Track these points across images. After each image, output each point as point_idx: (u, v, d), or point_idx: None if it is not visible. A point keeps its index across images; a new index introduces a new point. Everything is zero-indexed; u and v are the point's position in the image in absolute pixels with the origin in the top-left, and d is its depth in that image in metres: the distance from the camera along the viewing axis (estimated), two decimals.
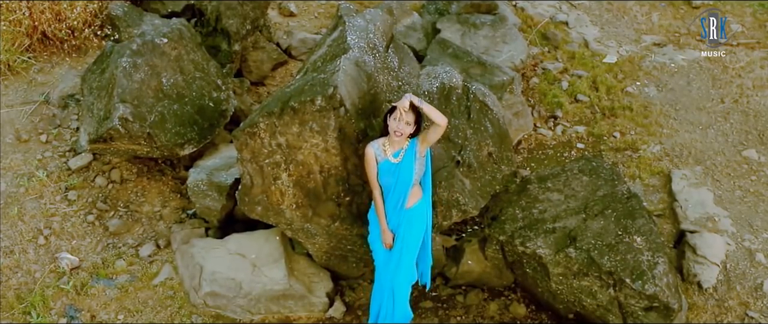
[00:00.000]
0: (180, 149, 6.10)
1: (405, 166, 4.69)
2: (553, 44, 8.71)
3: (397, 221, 4.84)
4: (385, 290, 5.01)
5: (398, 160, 4.68)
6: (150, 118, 5.93)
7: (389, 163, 4.69)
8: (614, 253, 4.93)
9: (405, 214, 4.83)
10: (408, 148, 4.69)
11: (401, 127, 4.55)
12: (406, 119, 4.54)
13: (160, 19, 7.66)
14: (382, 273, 5.03)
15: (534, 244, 5.14)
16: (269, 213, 5.41)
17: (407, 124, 4.55)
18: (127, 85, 5.95)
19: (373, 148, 4.70)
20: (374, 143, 4.72)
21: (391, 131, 4.60)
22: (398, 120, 4.54)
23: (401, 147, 4.69)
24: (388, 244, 4.84)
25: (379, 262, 5.02)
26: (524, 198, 5.53)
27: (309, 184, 5.16)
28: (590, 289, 5.04)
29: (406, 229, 4.85)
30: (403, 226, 4.83)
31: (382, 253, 4.97)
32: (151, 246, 5.94)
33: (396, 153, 4.69)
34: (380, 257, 5.00)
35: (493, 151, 5.31)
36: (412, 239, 4.90)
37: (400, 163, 4.68)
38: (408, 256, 4.90)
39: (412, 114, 4.54)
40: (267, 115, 4.92)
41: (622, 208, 5.22)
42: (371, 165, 4.71)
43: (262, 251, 5.64)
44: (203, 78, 6.54)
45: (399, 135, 4.58)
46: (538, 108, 7.78)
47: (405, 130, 4.57)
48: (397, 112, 4.55)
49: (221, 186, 5.90)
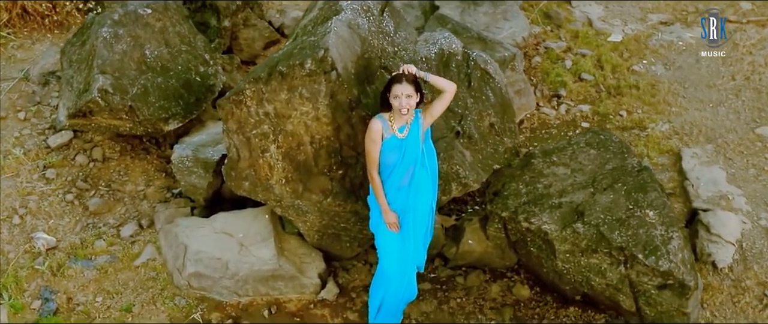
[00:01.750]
0: (164, 124, 5.78)
1: (411, 141, 4.35)
2: (555, 23, 8.38)
3: (403, 198, 4.48)
4: (392, 279, 4.65)
5: (404, 135, 4.33)
6: (132, 91, 5.61)
7: (395, 139, 4.33)
8: (625, 228, 4.61)
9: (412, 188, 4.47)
10: (413, 122, 4.34)
11: (404, 102, 4.19)
12: (405, 93, 4.19)
13: None
14: (391, 260, 4.65)
15: (539, 220, 4.82)
16: (257, 189, 5.08)
17: (408, 96, 4.20)
18: (108, 56, 5.63)
19: (380, 122, 4.33)
20: (382, 116, 4.34)
21: (396, 109, 4.25)
22: (399, 97, 4.20)
23: (405, 121, 4.34)
24: (393, 224, 4.48)
25: (388, 248, 4.63)
26: (528, 173, 5.21)
27: (299, 156, 4.84)
28: (599, 267, 4.72)
29: (415, 202, 4.49)
30: (412, 200, 4.47)
31: (392, 238, 4.60)
32: (133, 226, 5.62)
33: (401, 127, 4.34)
34: (389, 243, 4.62)
35: (495, 122, 4.99)
36: (421, 209, 4.54)
37: (406, 139, 4.34)
38: (421, 228, 4.58)
39: (409, 85, 4.20)
40: (253, 81, 4.60)
41: (633, 181, 4.90)
42: (376, 141, 4.31)
43: (250, 230, 5.31)
44: (189, 52, 6.22)
45: (406, 111, 4.24)
46: (541, 87, 7.46)
47: (410, 103, 4.22)
48: (393, 89, 4.21)
49: (207, 162, 5.58)
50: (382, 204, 4.43)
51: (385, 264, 4.68)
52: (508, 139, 5.07)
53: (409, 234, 4.55)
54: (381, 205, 4.43)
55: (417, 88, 4.22)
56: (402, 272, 4.62)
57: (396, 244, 4.61)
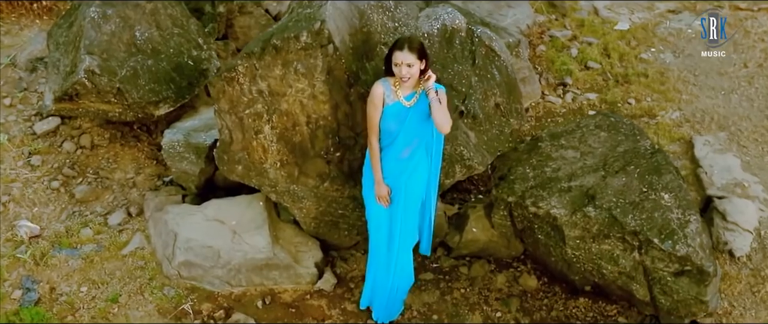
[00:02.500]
0: (155, 108, 5.53)
1: (417, 112, 4.10)
2: (560, 12, 8.15)
3: (399, 172, 4.24)
4: (378, 254, 4.42)
5: (411, 103, 4.08)
6: (120, 73, 5.36)
7: (399, 106, 4.08)
8: (639, 212, 4.36)
9: (411, 162, 4.23)
10: (423, 92, 4.09)
11: (404, 71, 3.95)
12: (406, 61, 3.94)
13: None
14: (377, 233, 4.43)
15: (547, 204, 4.57)
16: (251, 173, 4.84)
17: (409, 65, 3.95)
18: (96, 36, 5.39)
19: (382, 87, 4.08)
20: (385, 81, 4.10)
21: (397, 78, 4.01)
22: (399, 65, 3.95)
23: (415, 90, 4.10)
24: (383, 198, 4.24)
25: (375, 220, 4.40)
26: (535, 156, 4.95)
27: (294, 137, 4.59)
28: (611, 253, 4.46)
29: (410, 180, 4.25)
30: (407, 176, 4.23)
31: (379, 211, 4.36)
32: (121, 214, 5.37)
33: (409, 96, 4.09)
34: (376, 215, 4.38)
35: (501, 102, 4.74)
36: (416, 191, 4.31)
37: (413, 108, 4.08)
38: (413, 209, 4.33)
39: (410, 53, 3.94)
40: (246, 56, 4.36)
41: (646, 163, 4.65)
42: (376, 106, 4.06)
43: (243, 217, 5.06)
44: (182, 35, 5.97)
45: (406, 80, 3.99)
46: (546, 75, 7.22)
47: (411, 73, 3.97)
48: (394, 56, 3.96)
49: (199, 147, 5.33)
50: (376, 173, 4.19)
51: (372, 236, 4.46)
52: (514, 121, 4.82)
53: (398, 210, 4.29)
54: (374, 176, 4.17)
55: (421, 55, 3.97)
56: (387, 248, 4.38)
57: (383, 217, 4.38)
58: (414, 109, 4.10)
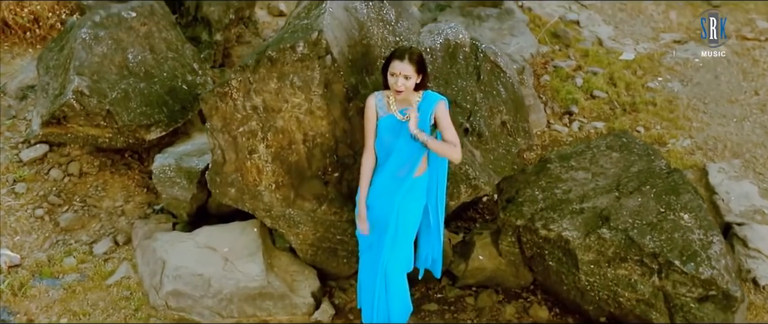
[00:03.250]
0: (146, 132, 5.30)
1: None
2: (564, 43, 8.01)
3: (392, 191, 3.98)
4: (377, 277, 4.13)
5: (406, 117, 3.86)
6: (111, 95, 5.16)
7: (393, 119, 3.87)
8: (658, 232, 4.08)
9: (406, 184, 3.98)
10: (421, 103, 3.86)
11: (400, 82, 3.74)
12: (404, 72, 3.74)
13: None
14: (369, 257, 4.17)
15: (559, 227, 4.30)
16: (245, 196, 4.58)
17: (406, 77, 3.75)
18: (86, 58, 5.21)
19: (375, 99, 3.89)
20: (378, 94, 3.92)
21: (391, 89, 3.81)
22: (396, 75, 3.74)
23: (411, 104, 3.88)
24: (361, 219, 4.06)
25: (362, 243, 4.16)
26: (544, 178, 4.70)
27: (290, 157, 4.35)
28: (629, 278, 4.16)
29: (404, 202, 4.00)
30: (401, 198, 3.98)
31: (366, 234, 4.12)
32: (107, 242, 5.08)
33: (403, 110, 3.87)
34: (362, 237, 4.16)
35: (508, 120, 4.51)
36: (411, 216, 4.05)
37: (407, 123, 3.86)
38: (405, 235, 4.05)
39: (409, 65, 3.74)
40: (240, 69, 4.15)
41: (663, 183, 4.39)
42: (370, 118, 3.89)
43: (236, 244, 4.77)
44: (176, 59, 5.80)
45: (400, 92, 3.78)
46: (551, 104, 7.02)
47: (406, 85, 3.76)
48: (391, 65, 3.76)
49: (192, 172, 5.08)
50: (361, 191, 3.98)
51: (360, 260, 4.25)
52: (521, 140, 4.59)
53: (387, 234, 4.03)
54: (359, 193, 3.95)
55: (419, 69, 3.76)
56: (375, 275, 4.10)
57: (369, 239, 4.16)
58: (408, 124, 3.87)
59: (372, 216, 4.11)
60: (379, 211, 4.07)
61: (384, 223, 4.07)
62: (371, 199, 4.08)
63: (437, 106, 3.85)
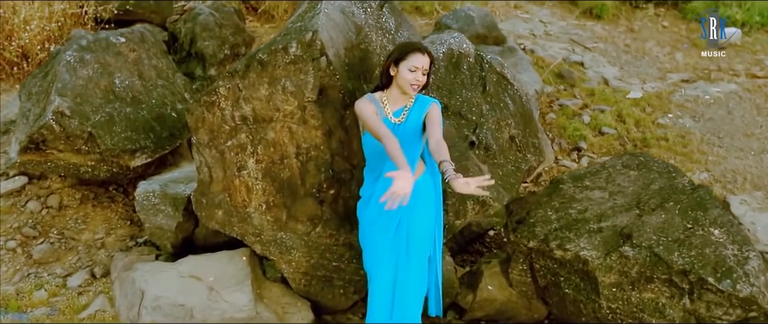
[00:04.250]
0: (130, 158, 4.98)
1: (408, 128, 3.54)
2: (568, 83, 7.79)
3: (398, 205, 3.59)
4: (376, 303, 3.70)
5: (400, 119, 3.54)
6: (94, 118, 4.87)
7: (388, 122, 3.53)
8: (686, 248, 3.69)
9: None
10: (413, 106, 3.56)
11: (420, 77, 3.45)
12: (425, 67, 3.45)
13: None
14: (375, 282, 3.73)
15: (576, 246, 3.91)
16: (233, 219, 4.21)
17: (423, 74, 3.47)
18: (70, 80, 4.95)
19: (372, 102, 3.53)
20: (371, 95, 3.58)
21: (406, 84, 3.45)
22: (417, 70, 3.43)
23: (404, 104, 3.57)
24: (403, 191, 3.07)
25: (374, 264, 3.71)
26: (557, 198, 4.35)
27: (282, 173, 4.01)
28: (656, 302, 3.74)
29: (411, 212, 3.61)
30: (406, 209, 3.59)
31: (379, 254, 3.68)
32: (83, 275, 4.68)
33: (398, 111, 3.57)
34: (375, 258, 3.70)
35: (516, 135, 4.20)
36: (420, 226, 3.64)
37: (402, 125, 3.54)
38: (416, 250, 3.64)
39: (428, 59, 3.47)
40: (229, 75, 3.87)
41: (688, 199, 4.03)
42: (369, 113, 3.43)
43: (223, 273, 4.36)
44: (167, 87, 5.55)
45: (416, 88, 3.47)
46: (559, 140, 6.72)
47: (423, 81, 3.49)
48: (413, 59, 3.43)
49: (177, 198, 4.73)
50: (400, 160, 3.20)
51: (371, 284, 3.73)
52: (531, 156, 4.25)
53: (400, 254, 3.62)
54: (399, 162, 3.19)
55: (430, 67, 3.50)
56: (386, 300, 3.66)
57: (384, 262, 3.66)
58: (403, 127, 3.54)
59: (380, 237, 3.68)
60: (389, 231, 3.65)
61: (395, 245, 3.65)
62: (373, 215, 3.68)
63: (430, 107, 3.53)
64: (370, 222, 3.68)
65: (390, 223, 3.62)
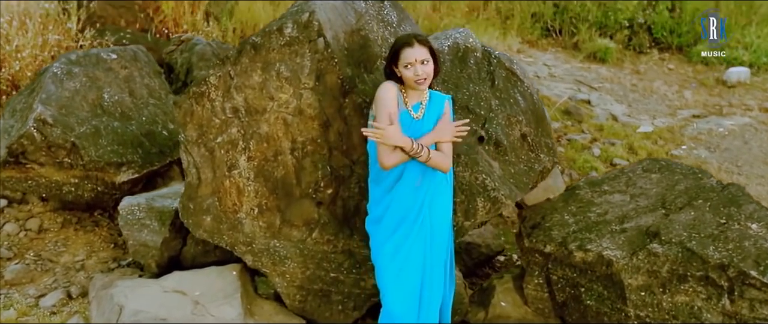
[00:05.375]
0: (116, 173, 4.68)
1: (427, 125, 3.25)
2: (576, 119, 7.56)
3: (417, 206, 3.25)
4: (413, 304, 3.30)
5: (419, 115, 3.25)
6: (78, 129, 4.60)
7: (408, 116, 3.24)
8: (722, 242, 3.33)
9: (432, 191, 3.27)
10: (429, 103, 3.28)
11: (420, 70, 3.14)
12: (420, 57, 3.16)
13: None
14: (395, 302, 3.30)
15: (598, 246, 3.55)
16: (222, 227, 3.87)
17: (424, 62, 3.18)
18: (55, 91, 4.71)
19: (396, 88, 3.23)
20: (397, 85, 3.27)
21: (411, 82, 3.18)
22: (413, 65, 3.15)
23: (420, 99, 3.29)
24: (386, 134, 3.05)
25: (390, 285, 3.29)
26: (574, 203, 4.01)
27: (276, 171, 3.70)
28: (691, 305, 3.35)
29: (431, 208, 3.28)
30: (426, 210, 3.27)
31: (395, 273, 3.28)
32: (58, 295, 4.29)
33: (416, 106, 3.28)
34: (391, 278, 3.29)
35: (528, 133, 3.90)
36: (440, 222, 3.32)
37: (422, 121, 3.25)
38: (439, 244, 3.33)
39: (423, 48, 3.19)
40: (220, 63, 3.62)
41: (718, 197, 3.70)
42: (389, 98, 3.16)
43: (211, 287, 3.99)
44: (159, 106, 5.30)
45: (422, 81, 3.18)
46: (569, 172, 6.42)
47: (427, 71, 3.17)
48: (404, 56, 3.16)
49: (164, 212, 4.39)
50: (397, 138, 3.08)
51: (390, 305, 3.32)
52: (545, 157, 3.94)
53: (426, 252, 3.27)
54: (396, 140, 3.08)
55: (432, 53, 3.22)
56: (414, 302, 3.27)
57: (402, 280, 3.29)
58: (422, 123, 3.26)
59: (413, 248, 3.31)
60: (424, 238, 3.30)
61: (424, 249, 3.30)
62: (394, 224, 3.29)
63: (447, 104, 3.30)
64: (390, 232, 3.30)
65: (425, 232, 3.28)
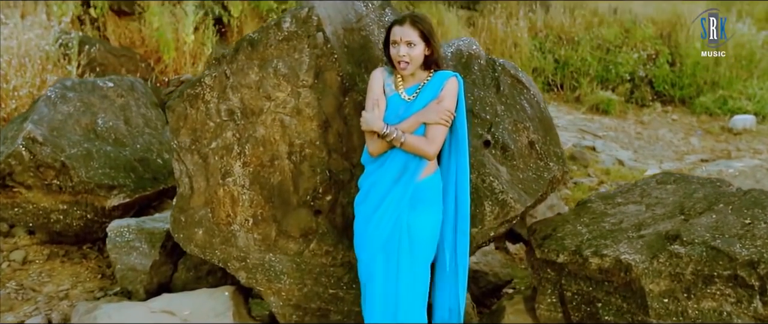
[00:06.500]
0: (107, 196, 4.50)
1: (419, 105, 3.11)
2: (582, 164, 7.40)
3: (397, 201, 3.09)
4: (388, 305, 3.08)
5: (411, 97, 3.13)
6: (69, 151, 4.44)
7: (398, 98, 3.12)
8: (750, 240, 3.11)
9: (411, 189, 3.11)
10: (427, 83, 3.14)
11: (402, 50, 3.04)
12: (405, 38, 3.06)
13: None
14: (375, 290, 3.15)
15: (615, 251, 3.32)
16: (215, 240, 3.66)
17: (409, 44, 3.07)
18: (48, 113, 4.60)
19: (382, 73, 3.18)
20: (386, 68, 3.21)
21: (395, 63, 3.11)
22: (397, 44, 3.06)
23: (420, 81, 3.17)
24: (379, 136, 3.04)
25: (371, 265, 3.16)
26: (586, 215, 3.81)
27: (272, 177, 3.52)
28: (719, 311, 3.08)
29: (413, 215, 3.10)
30: (406, 209, 3.09)
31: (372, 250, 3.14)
32: (38, 320, 4.01)
33: (411, 89, 3.15)
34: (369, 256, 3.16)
35: (536, 140, 3.74)
36: (421, 228, 3.11)
37: (413, 103, 3.12)
38: (420, 252, 3.10)
39: (412, 30, 3.08)
40: (215, 62, 3.50)
41: (740, 201, 3.50)
42: (371, 84, 3.14)
43: (201, 307, 3.73)
44: (155, 136, 5.17)
45: (404, 65, 3.08)
46: None
47: (411, 54, 3.06)
48: (392, 33, 3.09)
49: (155, 234, 4.19)
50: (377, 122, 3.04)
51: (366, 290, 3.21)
52: (554, 165, 3.76)
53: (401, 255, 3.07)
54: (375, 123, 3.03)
55: (424, 36, 3.10)
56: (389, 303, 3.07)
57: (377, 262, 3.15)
58: (412, 105, 3.11)
59: (373, 236, 3.16)
60: (384, 229, 3.13)
61: (394, 244, 3.12)
62: (369, 211, 3.17)
63: (447, 82, 3.13)
64: (365, 218, 3.15)
65: (387, 222, 3.10)
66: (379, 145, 3.07)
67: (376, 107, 3.09)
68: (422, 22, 3.13)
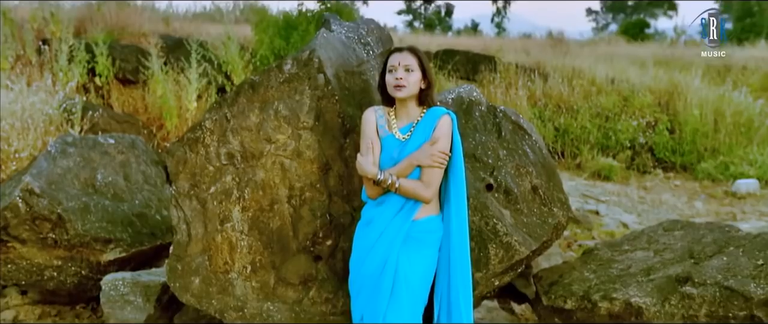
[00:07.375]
0: (103, 249, 4.41)
1: (413, 146, 3.07)
2: (585, 227, 7.31)
3: (392, 237, 3.01)
4: None
5: (406, 137, 3.09)
6: (67, 204, 4.39)
7: (393, 139, 3.08)
8: (764, 280, 3.01)
9: (406, 227, 3.02)
10: (421, 121, 3.09)
11: (400, 74, 3.00)
12: (404, 63, 3.04)
13: None
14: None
15: (624, 295, 3.21)
16: (211, 290, 3.55)
17: (407, 70, 3.04)
18: (47, 167, 4.57)
19: (374, 113, 3.13)
20: (378, 108, 3.16)
21: (390, 88, 3.06)
22: (395, 69, 3.04)
23: (413, 120, 3.14)
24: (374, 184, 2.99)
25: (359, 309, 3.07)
26: (593, 262, 3.71)
27: (272, 222, 3.46)
28: None
29: (404, 251, 3.01)
30: (399, 246, 3.00)
31: (357, 302, 3.05)
32: None
33: (405, 128, 3.12)
34: (359, 310, 3.08)
35: (540, 185, 3.68)
36: (416, 272, 3.00)
37: (408, 143, 3.08)
38: (406, 295, 2.97)
39: (411, 56, 3.07)
40: (216, 106, 3.50)
41: (750, 243, 3.41)
42: (367, 133, 3.08)
43: None
44: (154, 193, 5.13)
45: (401, 88, 3.02)
46: None
47: (409, 80, 3.02)
48: (390, 60, 3.08)
49: (150, 287, 4.08)
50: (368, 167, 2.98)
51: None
52: (558, 211, 3.68)
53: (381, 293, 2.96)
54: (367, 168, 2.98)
55: (422, 66, 3.09)
56: None
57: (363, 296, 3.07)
58: (407, 145, 3.07)
59: (365, 274, 3.06)
60: (375, 267, 3.03)
61: (382, 282, 3.01)
62: (365, 249, 3.08)
63: (440, 121, 3.08)
64: (365, 249, 3.05)
65: (379, 260, 3.01)
66: (376, 190, 3.02)
67: (371, 152, 3.04)
68: (421, 52, 3.15)
